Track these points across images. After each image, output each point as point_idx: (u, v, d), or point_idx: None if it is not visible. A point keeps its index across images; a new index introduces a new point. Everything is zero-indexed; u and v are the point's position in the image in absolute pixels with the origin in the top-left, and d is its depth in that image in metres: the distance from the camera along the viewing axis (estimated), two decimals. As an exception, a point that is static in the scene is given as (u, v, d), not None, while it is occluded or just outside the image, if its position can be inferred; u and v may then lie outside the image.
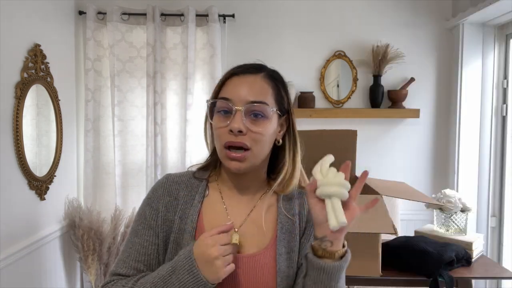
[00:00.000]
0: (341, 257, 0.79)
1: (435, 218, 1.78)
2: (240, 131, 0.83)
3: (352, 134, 2.01)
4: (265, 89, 0.88)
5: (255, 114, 0.85)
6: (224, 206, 0.92)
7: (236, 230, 0.89)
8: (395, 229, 1.33)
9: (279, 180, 0.91)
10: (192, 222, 0.88)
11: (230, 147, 0.85)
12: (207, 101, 0.90)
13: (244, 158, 0.85)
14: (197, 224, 0.88)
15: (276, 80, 0.91)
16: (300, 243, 0.92)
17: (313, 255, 0.79)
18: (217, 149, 0.89)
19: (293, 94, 2.54)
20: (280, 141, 0.92)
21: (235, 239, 0.86)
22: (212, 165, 0.96)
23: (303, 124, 2.62)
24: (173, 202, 0.91)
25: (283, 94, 0.91)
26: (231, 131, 0.84)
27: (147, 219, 0.90)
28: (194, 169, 0.97)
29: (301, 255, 0.90)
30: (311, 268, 0.79)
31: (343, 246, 0.80)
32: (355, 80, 2.65)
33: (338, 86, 2.65)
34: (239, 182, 0.93)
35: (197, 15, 2.52)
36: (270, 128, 0.87)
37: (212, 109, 0.90)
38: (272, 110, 0.87)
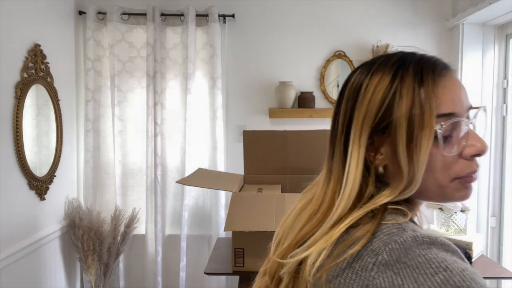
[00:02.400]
0: None
1: (435, 218, 1.78)
2: None
3: (352, 134, 2.01)
4: None
5: None
6: None
7: None
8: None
9: None
10: None
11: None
12: (442, 125, 0.58)
13: None
14: None
15: None
16: None
17: None
18: (436, 181, 0.61)
19: (293, 94, 2.54)
20: None
21: None
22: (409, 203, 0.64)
23: (303, 124, 2.62)
24: None
25: None
26: (477, 155, 0.60)
27: None
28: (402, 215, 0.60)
29: None
30: None
31: None
32: (355, 80, 2.64)
33: (338, 86, 2.65)
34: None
35: (197, 15, 2.52)
36: None
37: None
38: None
